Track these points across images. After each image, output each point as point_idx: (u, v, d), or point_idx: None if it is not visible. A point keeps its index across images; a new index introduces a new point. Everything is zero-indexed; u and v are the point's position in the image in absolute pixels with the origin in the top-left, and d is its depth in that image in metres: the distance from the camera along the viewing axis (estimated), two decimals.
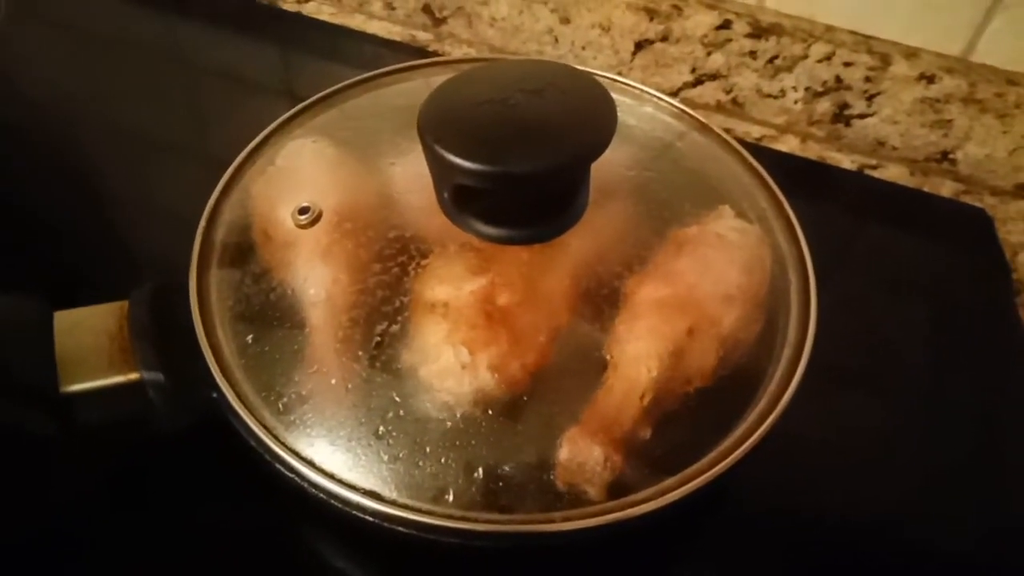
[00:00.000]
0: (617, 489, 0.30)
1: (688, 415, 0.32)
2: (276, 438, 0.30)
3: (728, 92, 0.56)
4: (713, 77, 0.56)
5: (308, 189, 0.36)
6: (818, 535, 0.39)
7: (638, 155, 0.40)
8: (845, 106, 0.54)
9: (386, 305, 0.32)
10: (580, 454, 0.30)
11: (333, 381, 0.31)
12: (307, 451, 0.30)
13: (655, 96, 0.43)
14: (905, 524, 0.39)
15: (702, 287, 0.35)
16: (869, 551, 0.38)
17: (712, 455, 0.31)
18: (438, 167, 0.31)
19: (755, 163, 0.41)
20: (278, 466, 0.30)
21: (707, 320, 0.34)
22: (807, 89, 0.54)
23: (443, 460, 0.29)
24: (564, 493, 0.30)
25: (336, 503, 0.29)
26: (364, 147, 0.38)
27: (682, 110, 0.43)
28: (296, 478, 0.30)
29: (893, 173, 0.55)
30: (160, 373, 0.31)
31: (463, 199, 0.32)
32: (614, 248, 0.35)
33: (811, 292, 0.36)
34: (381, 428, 0.30)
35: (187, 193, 0.39)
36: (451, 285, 0.32)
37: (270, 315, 0.33)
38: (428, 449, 0.30)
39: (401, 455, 0.29)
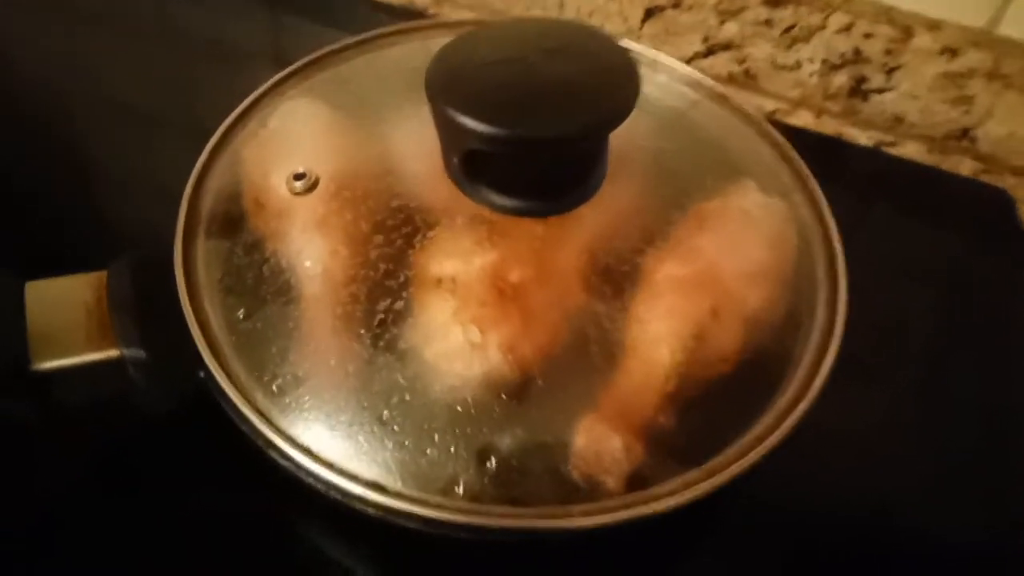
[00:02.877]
0: (636, 480, 0.28)
1: (711, 402, 0.30)
2: (269, 422, 0.28)
3: (741, 63, 0.54)
4: (726, 47, 0.53)
5: (303, 154, 0.33)
6: (832, 530, 0.37)
7: (654, 126, 0.38)
8: (863, 80, 0.52)
9: (389, 280, 0.30)
10: (598, 442, 0.28)
11: (332, 361, 0.29)
12: (304, 437, 0.27)
13: (670, 64, 0.41)
14: (923, 518, 0.37)
15: (726, 265, 0.33)
16: (892, 549, 0.36)
17: (739, 445, 0.29)
18: (448, 130, 0.29)
19: (778, 136, 0.39)
20: (272, 453, 0.28)
21: (731, 300, 0.32)
22: (824, 61, 0.52)
23: (452, 448, 0.27)
24: (581, 484, 0.28)
25: (336, 494, 0.27)
26: (363, 111, 0.36)
27: (699, 79, 0.41)
28: (291, 467, 0.27)
29: (910, 150, 0.53)
30: (142, 350, 0.28)
31: (474, 166, 0.30)
32: (632, 223, 0.33)
33: (839, 272, 0.34)
34: (385, 413, 0.28)
35: (172, 161, 0.37)
36: (460, 259, 0.30)
37: (262, 289, 0.30)
38: (436, 436, 0.27)
39: (407, 443, 0.27)
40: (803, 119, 0.54)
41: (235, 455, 0.29)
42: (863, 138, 0.54)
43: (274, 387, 0.28)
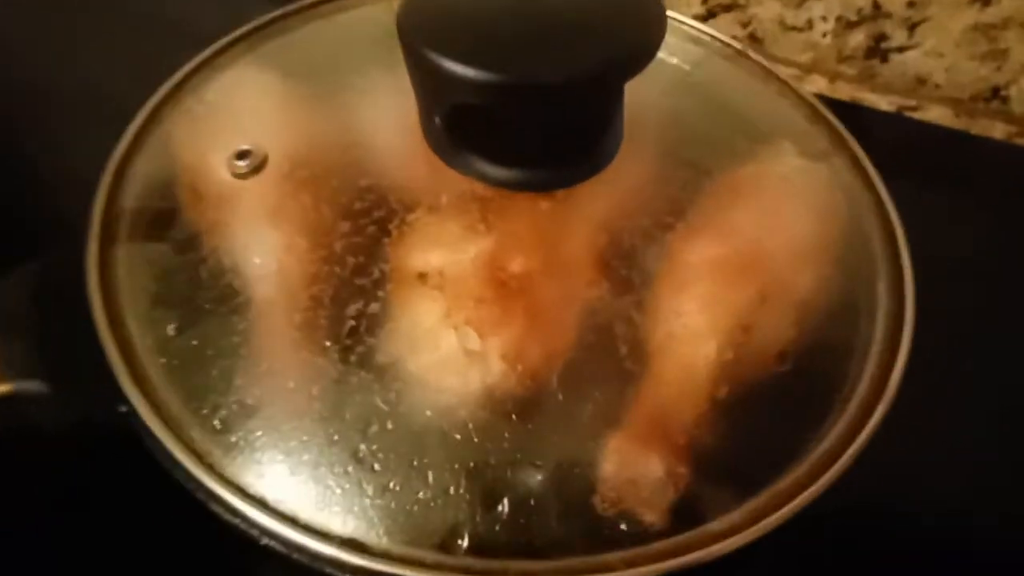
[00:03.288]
0: (684, 513, 0.22)
1: (767, 408, 0.25)
2: (211, 468, 0.21)
3: (746, 26, 0.48)
4: (728, 8, 0.48)
5: (249, 129, 0.27)
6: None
7: (668, 87, 0.32)
8: (882, 38, 0.46)
9: (360, 277, 0.24)
10: (632, 467, 0.23)
11: (291, 384, 0.22)
12: (257, 485, 0.21)
13: (680, 20, 0.35)
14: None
15: (769, 241, 0.27)
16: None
17: (808, 461, 0.23)
18: (427, 82, 0.23)
19: (808, 95, 0.33)
20: (215, 507, 0.21)
21: (781, 283, 0.26)
22: (839, 19, 0.46)
23: (451, 488, 0.21)
24: (615, 522, 0.22)
25: (302, 557, 0.20)
26: (320, 79, 0.29)
27: (714, 36, 0.35)
28: (242, 523, 0.21)
29: (935, 115, 0.48)
30: (41, 381, 0.22)
31: (461, 129, 0.24)
32: (657, 196, 0.27)
33: (900, 245, 0.29)
34: (362, 447, 0.21)
35: (90, 148, 0.30)
36: (448, 248, 0.24)
37: (200, 296, 0.24)
38: (430, 474, 0.21)
39: (392, 485, 0.21)
40: (816, 85, 0.49)
41: (170, 509, 0.23)
42: (883, 103, 0.48)
43: (216, 421, 0.22)
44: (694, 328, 0.25)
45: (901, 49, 0.47)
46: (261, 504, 0.21)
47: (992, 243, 0.43)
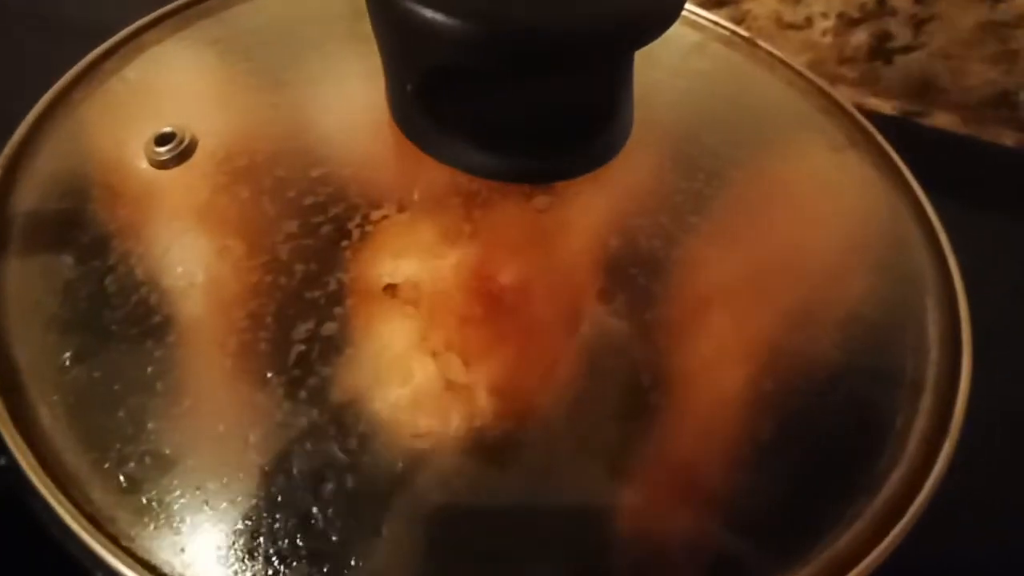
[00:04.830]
0: None
1: (814, 448, 0.20)
2: (114, 540, 0.16)
3: (740, 22, 0.45)
4: (720, 4, 0.44)
5: (174, 109, 0.22)
6: None
7: (675, 77, 0.28)
8: (886, 37, 0.43)
9: (312, 289, 0.19)
10: (655, 526, 0.18)
11: (221, 428, 0.17)
12: (173, 564, 0.16)
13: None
14: None
15: (803, 248, 0.23)
16: None
17: (866, 516, 0.19)
18: (399, 37, 0.18)
19: (826, 86, 0.30)
20: None
21: (822, 295, 0.22)
22: (840, 16, 0.43)
23: (433, 564, 0.16)
24: None
25: None
26: (263, 54, 0.25)
27: (717, 23, 0.31)
28: None
29: (941, 121, 0.45)
30: None
31: (439, 104, 0.19)
32: (674, 191, 0.22)
33: (946, 252, 0.25)
34: (314, 511, 0.16)
35: None
36: (423, 253, 0.19)
37: (106, 316, 0.19)
38: (403, 547, 0.16)
39: (354, 562, 0.16)
40: None
41: None
42: (886, 108, 0.45)
43: (122, 477, 0.17)
44: (723, 351, 0.20)
45: (906, 49, 0.43)
46: None
47: (1005, 251, 0.40)
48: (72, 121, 0.24)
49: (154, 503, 0.17)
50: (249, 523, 0.16)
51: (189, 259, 0.19)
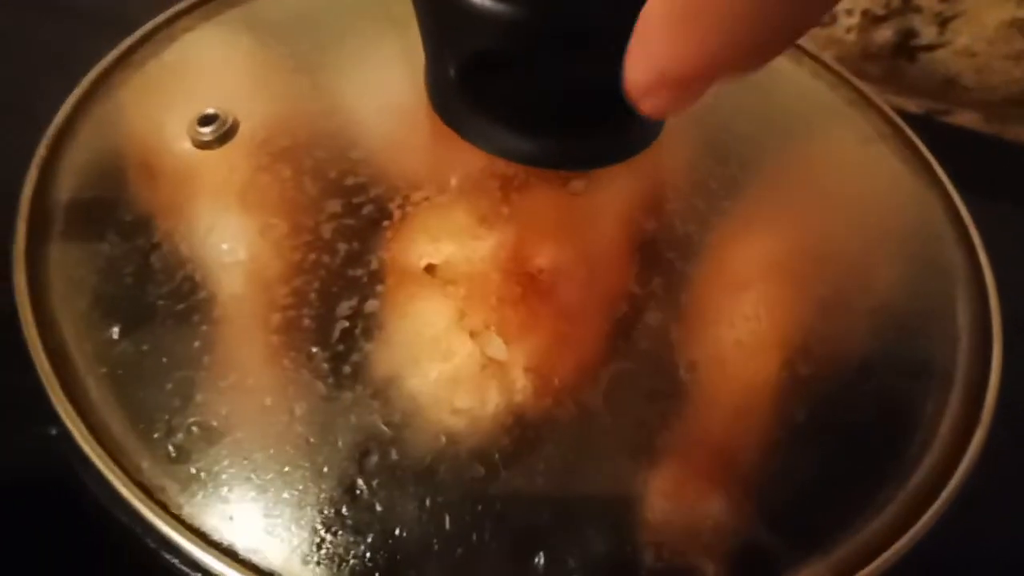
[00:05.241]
0: (751, 562, 0.18)
1: (846, 434, 0.20)
2: (163, 507, 0.17)
3: None
4: None
5: (216, 90, 0.22)
6: None
7: None
8: (911, 35, 0.43)
9: (354, 268, 0.19)
10: (689, 508, 0.18)
11: (267, 401, 0.18)
12: (222, 530, 0.16)
13: None
14: None
15: (835, 236, 0.23)
16: None
17: (899, 499, 0.19)
18: (439, 26, 0.18)
19: (857, 81, 0.30)
20: (169, 556, 0.17)
21: (854, 284, 0.22)
22: (864, 13, 0.43)
23: (474, 536, 0.16)
24: (665, 572, 0.17)
25: None
26: (304, 38, 0.25)
27: None
28: None
29: (965, 119, 0.44)
30: None
31: (479, 89, 0.19)
32: (702, 180, 0.23)
33: (976, 244, 0.25)
34: (359, 483, 0.17)
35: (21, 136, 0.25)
36: (462, 234, 0.20)
37: (152, 291, 0.19)
38: (446, 517, 0.16)
39: (398, 531, 0.16)
40: None
41: (112, 558, 0.18)
42: (911, 106, 0.45)
43: (171, 447, 0.17)
44: (753, 339, 0.20)
45: (930, 47, 0.43)
46: (228, 554, 0.16)
47: None
48: (112, 104, 0.24)
49: (202, 473, 0.17)
50: (295, 493, 0.17)
51: (233, 237, 0.20)
